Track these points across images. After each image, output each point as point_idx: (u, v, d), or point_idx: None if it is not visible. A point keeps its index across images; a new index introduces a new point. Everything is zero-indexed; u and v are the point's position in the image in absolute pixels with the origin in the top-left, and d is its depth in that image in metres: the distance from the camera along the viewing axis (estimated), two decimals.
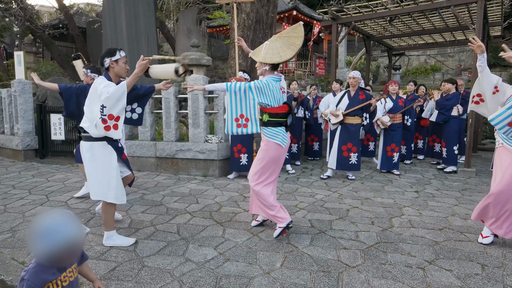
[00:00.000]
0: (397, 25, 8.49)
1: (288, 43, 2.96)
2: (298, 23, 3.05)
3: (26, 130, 6.83)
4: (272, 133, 2.99)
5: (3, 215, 3.58)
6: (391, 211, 3.80)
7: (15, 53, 10.07)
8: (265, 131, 3.03)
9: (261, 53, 2.99)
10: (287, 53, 2.92)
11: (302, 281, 2.33)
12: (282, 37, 3.03)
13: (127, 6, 9.43)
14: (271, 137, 2.98)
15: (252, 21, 6.80)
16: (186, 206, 3.91)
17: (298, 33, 2.99)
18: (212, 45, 17.09)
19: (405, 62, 16.17)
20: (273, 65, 2.99)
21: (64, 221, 1.33)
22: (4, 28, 12.99)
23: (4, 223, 3.35)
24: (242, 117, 2.93)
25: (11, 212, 3.68)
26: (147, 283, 2.30)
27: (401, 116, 5.85)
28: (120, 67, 2.83)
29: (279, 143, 2.98)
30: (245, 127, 2.94)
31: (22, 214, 3.62)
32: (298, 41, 2.95)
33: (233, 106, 2.93)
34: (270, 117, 2.98)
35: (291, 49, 2.93)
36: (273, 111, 2.97)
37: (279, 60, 2.92)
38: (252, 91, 2.88)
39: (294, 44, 2.94)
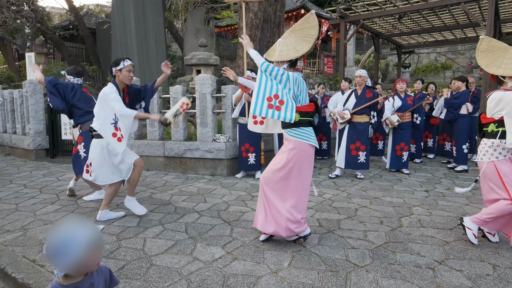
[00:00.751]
0: (406, 22, 8.39)
1: (303, 36, 2.71)
2: (310, 13, 2.81)
3: (37, 130, 6.95)
4: (304, 133, 2.70)
5: (15, 214, 3.65)
6: (400, 210, 3.76)
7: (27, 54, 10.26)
8: (296, 132, 2.70)
9: (275, 52, 2.78)
10: (303, 46, 2.67)
11: (310, 280, 2.32)
12: (296, 31, 2.79)
13: (136, 6, 9.52)
14: (304, 138, 2.69)
15: (260, 20, 6.79)
16: (194, 205, 3.93)
17: (312, 23, 2.72)
18: (220, 44, 17.14)
19: (414, 60, 15.97)
20: (291, 63, 2.75)
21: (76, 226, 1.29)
22: (16, 29, 13.24)
23: (16, 222, 3.42)
24: (276, 98, 2.56)
25: (22, 211, 3.75)
26: (155, 281, 2.32)
27: (410, 115, 5.78)
28: (123, 75, 3.24)
29: (312, 144, 2.72)
30: (277, 110, 2.56)
31: (33, 213, 3.68)
32: (313, 31, 2.68)
33: (266, 85, 2.58)
34: (301, 116, 2.70)
35: (307, 41, 2.68)
36: (304, 109, 2.72)
37: (297, 55, 2.69)
38: (290, 80, 2.62)
39: (309, 35, 2.69)
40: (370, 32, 9.17)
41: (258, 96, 2.60)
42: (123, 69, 3.22)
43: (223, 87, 5.65)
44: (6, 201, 4.10)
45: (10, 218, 3.51)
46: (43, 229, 3.21)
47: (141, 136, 6.17)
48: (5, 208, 3.85)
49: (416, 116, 6.01)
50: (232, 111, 5.38)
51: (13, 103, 7.49)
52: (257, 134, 5.21)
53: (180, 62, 13.81)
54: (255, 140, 5.17)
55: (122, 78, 3.24)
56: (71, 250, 1.23)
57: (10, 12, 12.19)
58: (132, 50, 9.66)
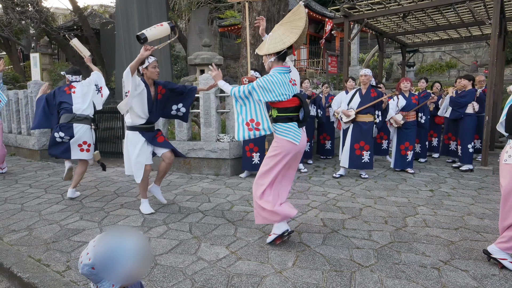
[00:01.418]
0: (411, 21, 8.33)
1: (290, 28, 2.71)
2: (298, 4, 2.80)
3: (42, 130, 6.99)
4: (282, 129, 2.74)
5: (20, 214, 3.68)
6: (405, 210, 3.74)
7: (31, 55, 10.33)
8: (275, 128, 2.78)
9: (264, 46, 2.79)
10: (290, 37, 2.67)
11: (314, 280, 2.31)
12: (284, 24, 2.79)
13: (140, 6, 9.55)
14: (282, 134, 2.74)
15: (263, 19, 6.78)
16: (198, 205, 3.94)
17: (300, 15, 2.70)
18: (224, 44, 17.15)
19: (419, 59, 15.87)
20: (279, 56, 2.73)
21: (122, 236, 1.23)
22: (21, 30, 13.33)
23: (21, 221, 3.44)
24: (252, 122, 2.73)
25: (28, 211, 3.78)
26: (159, 281, 2.32)
27: (415, 114, 5.74)
28: (150, 72, 3.47)
29: (290, 140, 2.72)
30: (257, 131, 2.74)
31: (38, 213, 3.71)
32: (301, 22, 2.67)
33: (241, 110, 2.75)
34: (279, 112, 2.74)
35: (294, 32, 2.67)
36: (282, 105, 2.72)
37: (283, 47, 2.67)
38: (256, 90, 2.67)
39: (297, 27, 2.68)
40: (374, 31, 9.12)
41: (238, 123, 2.78)
42: (149, 66, 3.43)
43: None
44: (11, 201, 4.13)
45: (16, 218, 3.54)
46: (48, 229, 3.23)
47: None
48: (11, 208, 3.88)
49: (421, 115, 5.97)
50: None
51: (18, 103, 7.54)
52: None
53: (183, 62, 13.84)
54: (259, 139, 5.17)
55: (150, 74, 3.47)
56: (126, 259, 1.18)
57: (15, 13, 12.28)
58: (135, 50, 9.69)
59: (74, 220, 3.47)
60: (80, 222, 3.40)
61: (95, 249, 1.18)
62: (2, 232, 3.16)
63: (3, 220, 3.47)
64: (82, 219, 3.49)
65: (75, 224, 3.34)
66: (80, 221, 3.44)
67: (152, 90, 3.53)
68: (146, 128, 3.57)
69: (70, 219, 3.48)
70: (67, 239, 2.99)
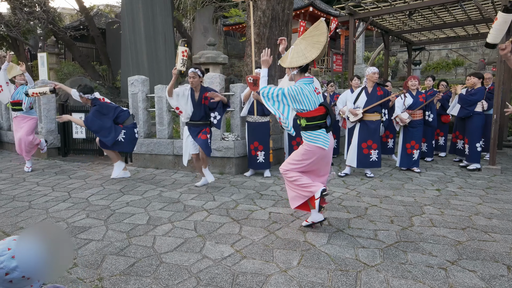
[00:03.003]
0: (417, 19, 8.25)
1: (312, 43, 2.92)
2: (319, 20, 3.00)
3: (49, 129, 7.06)
4: (312, 136, 2.95)
5: (28, 211, 3.72)
6: (411, 209, 3.70)
7: (39, 54, 10.43)
8: (305, 135, 2.99)
9: (287, 58, 2.99)
10: (312, 52, 2.88)
11: (320, 279, 2.30)
12: (306, 38, 3.00)
13: (145, 6, 9.58)
14: (312, 141, 2.96)
15: (268, 18, 6.76)
16: (203, 203, 3.95)
17: (321, 30, 2.91)
18: (228, 43, 17.16)
19: (425, 57, 15.71)
20: (302, 68, 2.94)
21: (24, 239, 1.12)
22: (29, 30, 13.45)
23: (29, 219, 3.48)
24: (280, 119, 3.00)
25: (35, 208, 3.82)
26: (165, 279, 2.33)
27: (421, 113, 5.68)
28: (190, 82, 4.26)
29: (320, 146, 2.95)
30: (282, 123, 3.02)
31: (45, 210, 3.74)
32: (322, 38, 2.88)
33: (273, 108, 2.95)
34: (308, 122, 2.96)
35: (316, 47, 2.88)
36: (310, 114, 2.93)
37: (305, 62, 2.89)
38: (287, 97, 2.87)
39: (318, 42, 2.89)
40: (379, 29, 9.05)
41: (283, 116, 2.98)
42: (187, 77, 4.19)
43: (231, 85, 5.65)
44: (19, 199, 4.18)
45: (24, 216, 3.58)
46: (56, 226, 3.26)
47: (150, 135, 6.22)
48: (19, 205, 3.92)
49: (428, 113, 5.90)
50: (241, 109, 5.38)
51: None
52: (266, 132, 5.20)
53: (188, 61, 13.86)
54: (264, 138, 5.17)
55: (190, 83, 4.26)
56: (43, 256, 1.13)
57: (23, 14, 12.40)
58: (141, 50, 9.74)
59: (80, 218, 3.50)
60: (87, 220, 3.43)
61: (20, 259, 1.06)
62: (10, 229, 3.20)
63: (11, 218, 3.52)
64: (88, 217, 3.51)
65: (81, 222, 3.37)
66: (86, 219, 3.47)
67: (196, 95, 4.31)
68: (192, 124, 4.39)
69: (76, 217, 3.52)
70: (73, 237, 3.01)
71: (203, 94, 4.31)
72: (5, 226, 3.28)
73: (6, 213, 3.67)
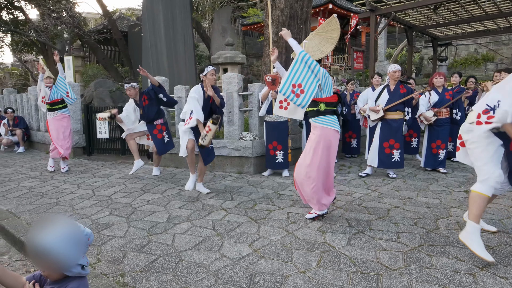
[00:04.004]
0: (443, 13, 7.94)
1: (326, 38, 3.18)
2: (331, 16, 3.21)
3: (75, 129, 7.32)
4: (329, 120, 3.17)
5: (55, 208, 3.87)
6: (437, 211, 3.56)
7: (65, 58, 10.84)
8: (322, 119, 3.18)
9: None
10: (326, 47, 3.16)
11: (339, 282, 2.25)
12: (319, 33, 3.24)
13: (165, 8, 9.75)
14: (329, 124, 3.16)
15: (287, 17, 6.70)
16: (222, 202, 3.96)
17: (334, 26, 3.15)
18: (247, 43, 17.19)
19: (452, 53, 15.12)
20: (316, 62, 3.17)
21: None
22: (56, 35, 14.03)
23: (57, 215, 3.62)
24: (300, 87, 3.05)
25: (62, 205, 3.96)
26: (184, 276, 2.35)
27: (448, 111, 5.45)
28: (208, 79, 4.02)
29: (336, 129, 3.18)
30: (296, 97, 3.06)
31: (71, 207, 3.88)
32: (335, 33, 3.13)
33: (296, 72, 3.03)
34: (326, 106, 3.19)
35: (330, 42, 3.16)
36: (328, 100, 3.20)
37: (321, 56, 3.19)
38: (320, 72, 3.07)
39: (332, 37, 3.15)
40: (402, 25, 8.78)
41: (287, 78, 3.07)
42: (208, 73, 3.99)
43: (249, 85, 5.65)
44: (48, 196, 4.35)
45: (51, 212, 3.72)
46: (81, 223, 3.35)
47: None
48: (47, 202, 4.09)
49: (455, 111, 5.64)
50: (259, 109, 5.37)
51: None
52: (284, 132, 5.16)
53: (207, 62, 14.00)
54: (282, 138, 5.13)
55: (208, 81, 4.03)
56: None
57: (51, 19, 12.94)
58: (161, 51, 9.92)
59: (104, 215, 3.60)
60: (110, 217, 3.52)
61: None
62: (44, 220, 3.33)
63: (40, 214, 3.67)
64: (111, 214, 3.61)
65: (105, 219, 3.47)
66: (109, 216, 3.56)
67: (206, 95, 4.16)
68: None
69: (100, 214, 3.62)
70: (97, 233, 3.10)
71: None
72: (35, 222, 3.42)
73: (35, 209, 3.83)
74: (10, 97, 9.90)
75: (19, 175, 5.68)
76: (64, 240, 1.31)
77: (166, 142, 5.14)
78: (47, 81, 5.72)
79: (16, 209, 3.83)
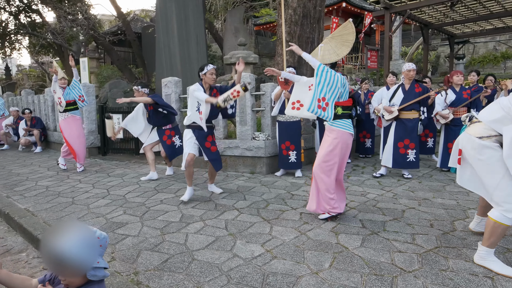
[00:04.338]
0: (460, 10, 7.75)
1: (342, 41, 3.25)
2: (347, 21, 3.29)
3: (90, 130, 7.47)
4: (345, 124, 3.25)
5: (71, 207, 3.95)
6: (454, 213, 3.48)
7: (81, 59, 11.07)
8: (339, 123, 3.24)
9: (318, 56, 3.28)
10: (342, 50, 3.21)
11: (353, 283, 2.22)
12: (335, 37, 3.31)
13: (178, 9, 9.83)
14: (345, 128, 3.24)
15: (299, 16, 6.66)
16: (234, 202, 3.97)
17: (349, 30, 3.24)
18: (259, 42, 17.18)
19: (469, 50, 14.74)
20: (332, 64, 3.28)
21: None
22: (72, 37, 14.36)
23: (72, 214, 3.70)
24: (324, 100, 3.10)
25: (78, 204, 4.05)
26: (196, 275, 2.37)
27: (466, 110, 5.31)
28: (208, 78, 3.92)
29: (351, 132, 3.27)
30: (323, 110, 3.11)
31: (87, 206, 3.95)
32: (351, 37, 3.22)
33: (318, 86, 3.09)
34: (343, 110, 3.27)
35: (346, 45, 3.20)
36: (345, 104, 3.28)
37: (337, 58, 3.23)
38: (339, 80, 3.12)
39: (347, 41, 3.22)
40: (418, 22, 8.61)
41: (314, 95, 3.09)
42: (207, 72, 3.90)
43: (262, 85, 5.64)
44: (64, 195, 4.45)
45: (68, 211, 3.81)
46: (96, 222, 3.43)
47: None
48: (63, 201, 4.18)
49: (473, 111, 5.50)
50: (271, 109, 5.36)
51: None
52: (297, 131, 5.13)
53: (220, 62, 14.07)
54: (295, 138, 5.10)
55: (207, 79, 3.93)
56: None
57: (67, 21, 13.25)
58: (174, 52, 10.01)
59: (118, 214, 3.66)
60: (124, 216, 3.57)
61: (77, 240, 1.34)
62: (56, 223, 3.41)
63: (57, 212, 3.75)
64: (125, 213, 3.66)
65: (119, 218, 3.52)
66: (123, 215, 3.62)
67: (206, 94, 3.96)
68: (198, 127, 3.97)
69: (114, 213, 3.68)
70: (112, 232, 3.15)
71: (211, 92, 4.04)
72: (51, 220, 3.51)
73: (52, 208, 3.92)
74: (28, 98, 10.19)
75: (37, 174, 5.83)
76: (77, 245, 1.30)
77: (177, 146, 5.16)
78: (61, 82, 5.84)
79: (34, 208, 3.93)
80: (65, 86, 5.89)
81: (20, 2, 14.66)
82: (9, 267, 2.82)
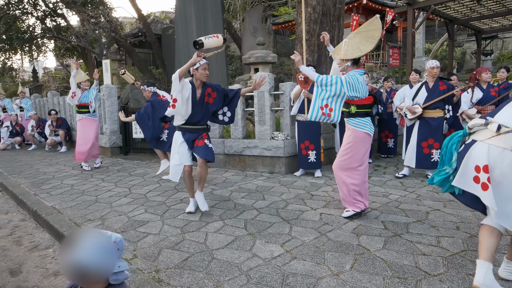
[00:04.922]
0: (488, 4, 7.43)
1: (366, 37, 3.14)
2: (374, 17, 3.17)
3: (112, 130, 7.67)
4: (360, 123, 3.21)
5: (95, 205, 4.07)
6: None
7: (103, 61, 11.39)
8: (353, 121, 3.24)
9: (341, 51, 3.19)
10: (366, 46, 3.08)
11: (375, 286, 2.17)
12: (360, 32, 3.20)
13: (197, 10, 9.95)
14: (360, 127, 3.21)
15: (319, 14, 6.58)
16: (253, 202, 3.97)
17: (376, 26, 3.13)
18: (278, 42, 17.12)
19: (498, 46, 14.11)
20: (355, 60, 3.18)
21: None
22: (95, 40, 14.81)
23: (96, 212, 3.81)
24: (326, 107, 3.11)
25: (101, 203, 4.16)
26: (216, 274, 2.38)
27: (493, 109, 5.09)
28: (200, 73, 3.49)
29: (367, 132, 3.21)
30: (328, 116, 3.11)
31: (109, 205, 4.06)
32: (377, 33, 3.09)
33: (320, 95, 3.10)
34: (357, 108, 3.24)
35: (370, 41, 3.08)
36: (360, 102, 3.22)
37: (360, 54, 3.11)
38: (344, 86, 3.05)
39: (372, 37, 3.08)
40: (442, 18, 8.33)
41: (314, 105, 3.13)
42: (199, 67, 3.46)
43: (281, 84, 5.61)
44: (88, 193, 4.59)
45: (91, 209, 3.92)
46: (118, 220, 3.52)
47: None
48: (87, 199, 4.31)
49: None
50: (290, 108, 5.32)
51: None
52: (317, 131, 5.07)
53: (238, 62, 14.13)
54: (315, 137, 5.05)
55: (199, 76, 3.47)
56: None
57: (90, 25, 13.68)
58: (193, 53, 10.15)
59: (139, 212, 3.73)
60: (145, 215, 3.64)
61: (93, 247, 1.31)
62: (80, 221, 3.53)
63: (81, 210, 3.88)
64: (146, 212, 3.73)
65: (140, 216, 3.60)
66: (145, 213, 3.69)
67: (198, 92, 3.50)
68: (188, 129, 3.53)
69: (136, 211, 3.76)
70: (133, 230, 3.22)
71: (205, 90, 3.55)
72: (76, 218, 3.62)
73: (76, 206, 4.06)
74: (53, 99, 10.59)
75: (62, 173, 6.04)
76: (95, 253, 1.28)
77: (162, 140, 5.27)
78: (85, 84, 6.07)
79: (60, 205, 4.08)
80: (85, 89, 6.10)
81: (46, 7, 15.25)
82: (36, 263, 2.94)
